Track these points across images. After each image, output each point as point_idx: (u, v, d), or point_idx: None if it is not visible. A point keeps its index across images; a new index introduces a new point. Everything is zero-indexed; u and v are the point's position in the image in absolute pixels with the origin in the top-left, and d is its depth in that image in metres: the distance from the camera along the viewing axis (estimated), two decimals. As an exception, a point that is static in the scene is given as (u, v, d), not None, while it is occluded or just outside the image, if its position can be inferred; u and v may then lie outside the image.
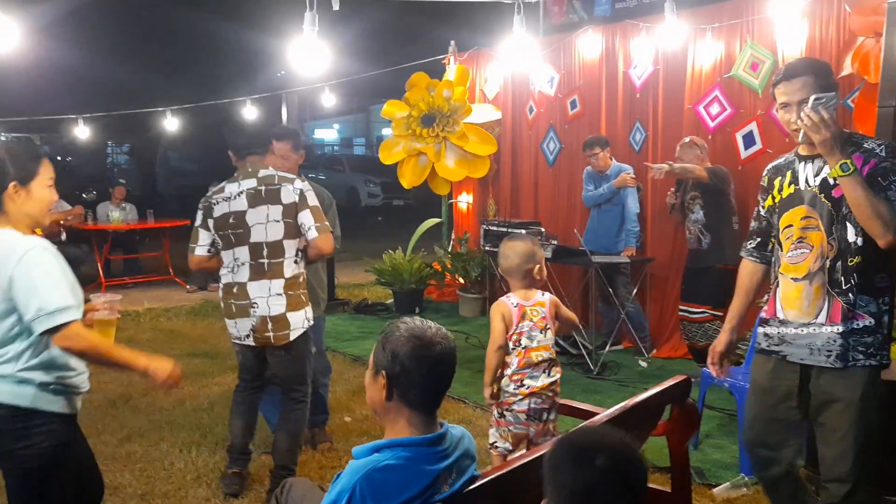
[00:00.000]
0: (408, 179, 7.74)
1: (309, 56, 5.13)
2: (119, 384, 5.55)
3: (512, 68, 7.39)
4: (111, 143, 25.41)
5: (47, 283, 2.31)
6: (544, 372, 3.08)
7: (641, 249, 6.24)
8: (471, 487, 1.93)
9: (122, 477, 3.97)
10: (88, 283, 9.12)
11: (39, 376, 2.36)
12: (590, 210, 6.36)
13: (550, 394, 3.09)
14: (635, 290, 6.01)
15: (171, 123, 9.69)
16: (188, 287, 9.44)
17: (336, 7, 4.98)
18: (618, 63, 6.45)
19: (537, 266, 3.13)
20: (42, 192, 2.47)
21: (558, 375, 3.14)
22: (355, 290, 9.20)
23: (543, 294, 3.19)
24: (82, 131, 10.00)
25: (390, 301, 8.30)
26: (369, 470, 1.77)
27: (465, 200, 8.30)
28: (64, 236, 8.71)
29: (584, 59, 6.75)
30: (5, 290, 2.30)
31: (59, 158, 17.19)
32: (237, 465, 3.81)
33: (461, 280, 7.87)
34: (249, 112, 9.31)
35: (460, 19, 11.03)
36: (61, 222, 8.49)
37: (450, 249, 8.19)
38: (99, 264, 9.28)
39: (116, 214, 9.53)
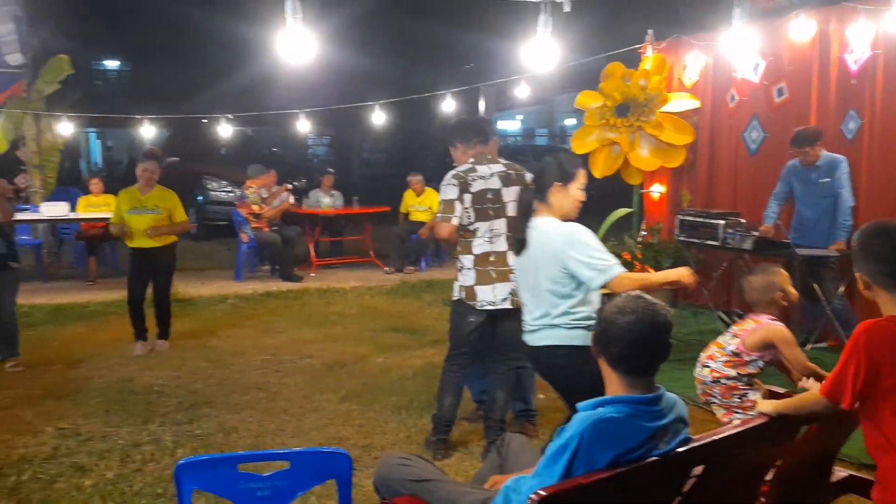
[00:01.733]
0: (600, 169, 7.80)
1: (542, 55, 5.25)
2: (333, 353, 6.16)
3: (713, 56, 7.24)
4: (312, 136, 27.30)
5: (594, 250, 3.00)
6: None
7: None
8: (684, 448, 2.09)
9: (345, 430, 4.47)
10: (301, 261, 10.06)
11: (584, 321, 3.04)
12: (795, 201, 6.13)
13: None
14: (843, 287, 5.73)
15: (377, 117, 10.39)
16: (386, 269, 10.11)
17: (567, 8, 5.22)
18: (831, 48, 6.14)
19: (779, 293, 3.45)
20: (575, 192, 3.21)
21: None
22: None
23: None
24: (303, 125, 11.01)
25: (578, 289, 8.42)
26: (596, 420, 1.98)
27: (657, 190, 8.23)
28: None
29: (794, 44, 6.48)
30: (560, 260, 3.02)
31: (274, 150, 18.79)
32: (443, 433, 4.17)
33: (651, 270, 7.82)
34: (448, 105, 9.77)
35: (658, 7, 10.85)
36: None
37: (640, 240, 8.16)
38: (310, 245, 10.20)
39: (326, 200, 10.42)
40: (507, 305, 3.94)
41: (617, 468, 1.94)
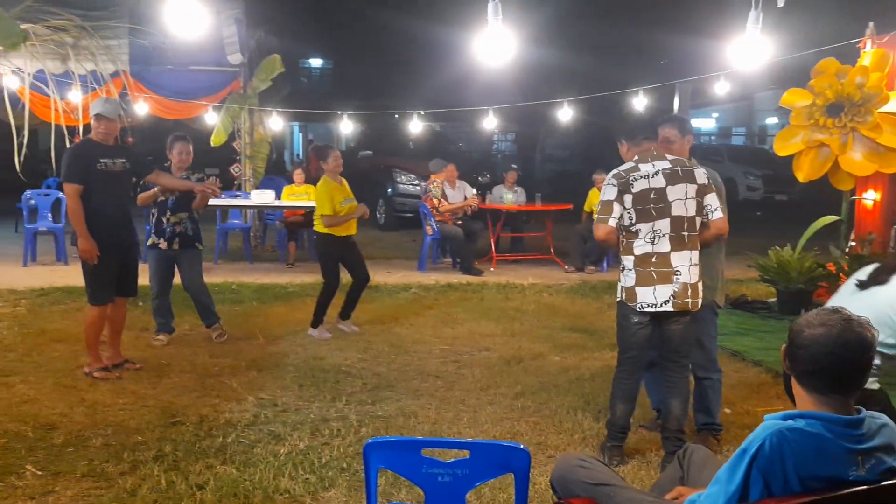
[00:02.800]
0: (804, 173, 7.24)
1: (750, 51, 4.99)
2: (510, 348, 6.21)
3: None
4: (497, 131, 27.61)
5: None
6: None
7: None
8: (889, 482, 1.89)
9: (520, 426, 4.49)
10: (482, 256, 10.23)
11: None
12: None
13: None
14: None
15: (564, 114, 10.34)
16: (566, 267, 10.03)
17: (781, 3, 4.92)
18: None
19: None
20: None
21: None
22: (732, 286, 8.90)
23: None
24: (490, 121, 11.20)
25: (772, 300, 7.89)
26: (781, 428, 1.85)
27: (870, 197, 7.51)
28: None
29: None
30: None
31: (460, 145, 19.24)
32: (617, 439, 4.07)
33: (858, 284, 7.16)
34: (639, 102, 9.52)
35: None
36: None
37: (847, 250, 7.49)
38: (492, 240, 10.35)
39: (509, 196, 10.52)
40: (669, 308, 3.79)
41: (811, 493, 1.80)
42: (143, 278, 5.77)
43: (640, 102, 9.52)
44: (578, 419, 4.59)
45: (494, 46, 4.34)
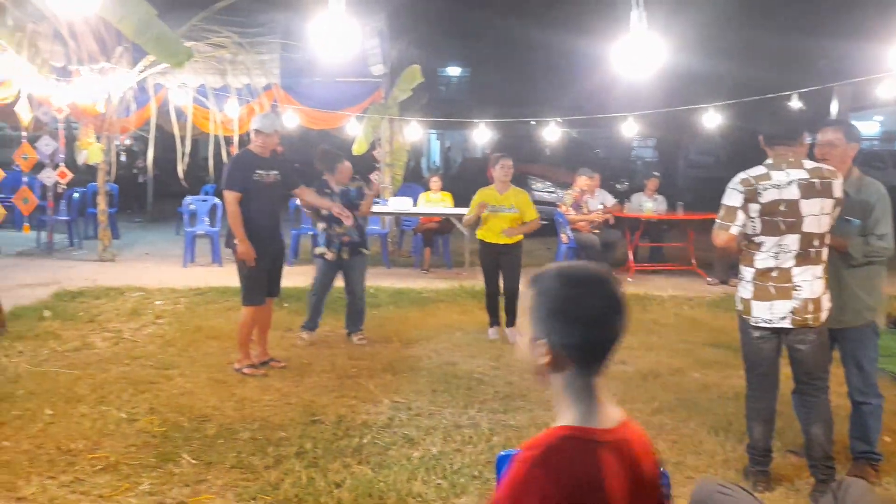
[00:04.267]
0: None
1: None
2: (647, 362, 6.02)
3: None
4: (637, 138, 26.95)
5: None
6: None
7: None
8: None
9: (656, 444, 4.29)
10: (619, 265, 9.99)
11: None
12: None
13: None
14: None
15: (710, 119, 9.93)
16: (709, 279, 9.60)
17: None
18: None
19: None
20: None
21: None
22: (896, 303, 8.21)
23: None
24: (629, 127, 10.95)
25: (943, 320, 7.18)
26: None
27: None
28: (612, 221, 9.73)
29: None
30: None
31: (597, 151, 18.94)
32: (761, 464, 3.83)
33: None
34: (794, 106, 8.96)
35: None
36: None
37: None
38: (629, 249, 10.08)
39: (649, 205, 10.22)
40: (787, 325, 3.53)
41: None
42: (287, 280, 6.04)
43: (794, 105, 8.94)
44: (720, 440, 4.37)
45: (638, 55, 4.22)
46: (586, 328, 1.45)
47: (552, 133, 11.60)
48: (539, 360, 1.48)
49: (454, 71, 29.99)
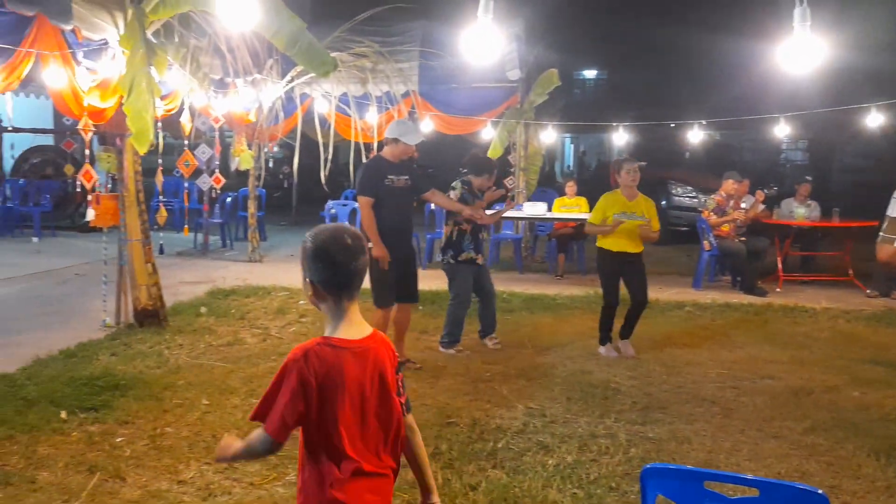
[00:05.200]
0: None
1: None
2: (798, 378, 5.66)
3: None
4: (786, 139, 25.49)
5: None
6: None
7: None
8: None
9: (809, 465, 4.06)
10: (766, 275, 9.46)
11: None
12: None
13: None
14: None
15: (873, 119, 9.23)
16: (868, 292, 8.91)
17: None
18: None
19: None
20: None
21: None
22: None
23: None
24: (780, 129, 10.37)
25: None
26: None
27: None
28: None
29: None
30: None
31: (743, 155, 18.07)
32: None
33: None
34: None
35: None
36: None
37: None
38: (778, 258, 9.52)
39: (801, 211, 9.62)
40: None
41: None
42: (421, 284, 6.10)
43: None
44: (881, 464, 4.05)
45: (800, 53, 3.99)
46: (330, 269, 2.02)
47: (694, 136, 11.16)
48: (308, 293, 2.08)
49: (590, 73, 29.55)
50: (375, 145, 10.62)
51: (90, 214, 6.42)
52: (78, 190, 6.75)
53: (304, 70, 9.58)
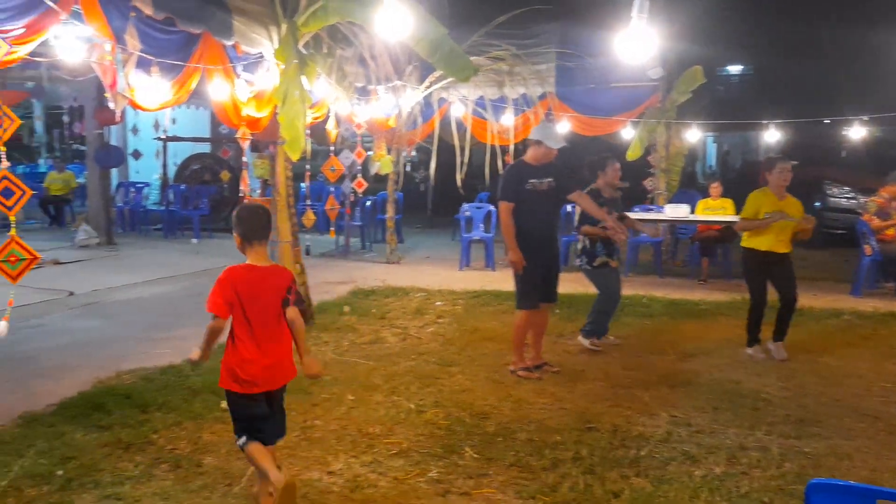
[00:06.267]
0: None
1: None
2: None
3: None
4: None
5: None
6: None
7: None
8: None
9: None
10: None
11: None
12: None
13: None
14: None
15: None
16: None
17: None
18: None
19: None
20: None
21: None
22: None
23: None
24: None
25: None
26: None
27: None
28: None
29: None
30: None
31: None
32: None
33: None
34: None
35: None
36: None
37: None
38: (951, 264, 8.71)
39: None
40: None
41: None
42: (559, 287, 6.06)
43: None
44: None
45: None
46: (246, 224, 3.37)
47: (855, 133, 10.41)
48: (237, 242, 3.40)
49: (735, 69, 28.19)
50: (511, 148, 10.64)
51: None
52: (240, 195, 7.22)
53: (441, 75, 9.77)
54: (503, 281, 7.69)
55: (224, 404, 4.74)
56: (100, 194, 12.61)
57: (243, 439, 3.31)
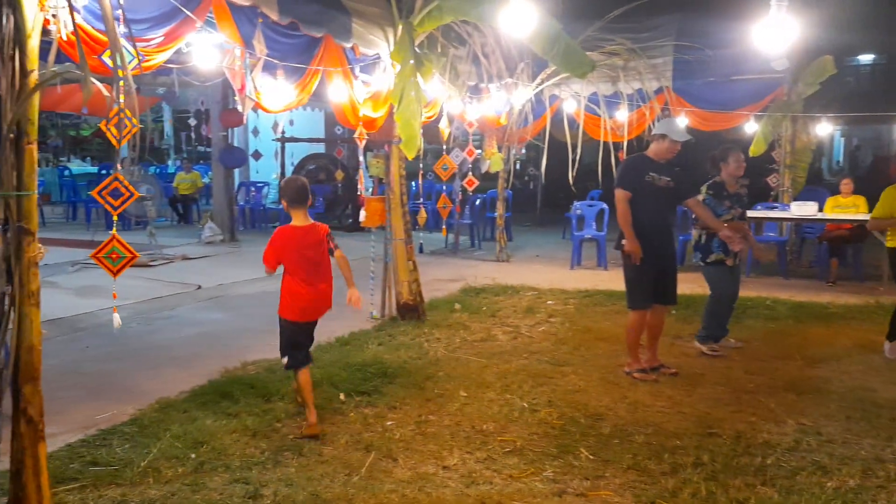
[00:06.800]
0: None
1: None
2: None
3: None
4: None
5: None
6: None
7: None
8: None
9: None
10: None
11: None
12: None
13: None
14: None
15: None
16: None
17: None
18: None
19: None
20: None
21: None
22: None
23: None
24: None
25: None
26: None
27: None
28: None
29: None
30: None
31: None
32: None
33: None
34: None
35: None
36: None
37: None
38: None
39: None
40: None
41: None
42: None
43: None
44: None
45: None
46: (288, 193, 4.45)
47: None
48: (284, 206, 4.52)
49: (866, 58, 26.46)
50: (625, 144, 10.41)
51: (362, 216, 7.01)
52: (358, 193, 7.42)
53: (553, 71, 9.67)
54: (615, 280, 7.53)
55: (342, 396, 4.92)
56: (224, 193, 13.24)
57: (286, 359, 4.46)
